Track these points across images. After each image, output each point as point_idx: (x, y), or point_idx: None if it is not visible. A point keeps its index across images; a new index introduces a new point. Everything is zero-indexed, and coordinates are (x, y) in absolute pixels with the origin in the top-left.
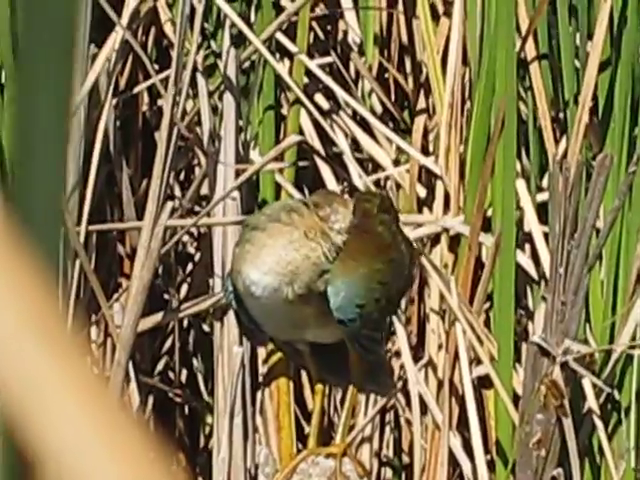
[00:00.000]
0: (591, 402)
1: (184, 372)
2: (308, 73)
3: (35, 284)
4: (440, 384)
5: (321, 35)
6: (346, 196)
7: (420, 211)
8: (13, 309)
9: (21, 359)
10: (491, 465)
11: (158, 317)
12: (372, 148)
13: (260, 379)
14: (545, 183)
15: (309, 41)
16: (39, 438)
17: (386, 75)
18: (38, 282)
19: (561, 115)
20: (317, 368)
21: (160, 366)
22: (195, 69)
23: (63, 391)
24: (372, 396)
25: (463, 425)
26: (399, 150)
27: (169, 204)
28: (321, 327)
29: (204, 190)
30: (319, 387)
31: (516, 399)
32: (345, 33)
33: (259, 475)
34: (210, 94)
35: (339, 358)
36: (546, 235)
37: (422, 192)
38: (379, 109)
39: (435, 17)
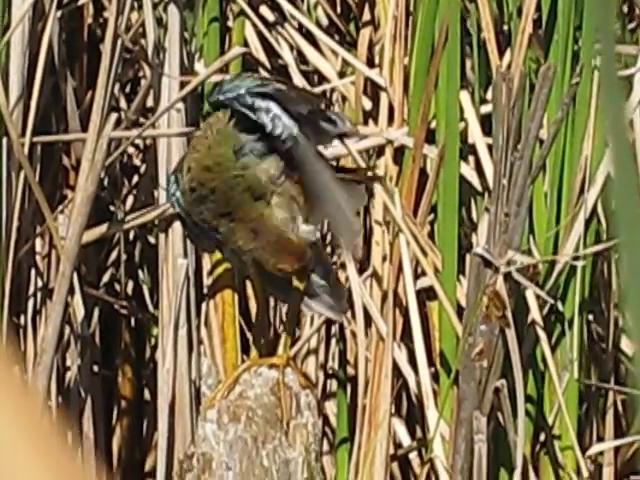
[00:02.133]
0: (534, 313)
1: (130, 284)
2: None
3: None
4: (384, 296)
5: None
6: None
7: (365, 123)
8: None
9: None
10: (435, 376)
11: (103, 229)
12: (317, 60)
13: (205, 291)
14: (489, 95)
15: None
16: None
17: None
18: None
19: (505, 27)
20: (260, 279)
21: (105, 278)
22: None
23: None
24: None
25: (407, 337)
26: (344, 62)
27: (114, 116)
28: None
29: (149, 102)
30: (262, 297)
31: (460, 311)
32: None
33: (202, 386)
34: (155, 5)
35: (283, 279)
36: (490, 147)
37: (367, 104)
38: (325, 21)
39: None
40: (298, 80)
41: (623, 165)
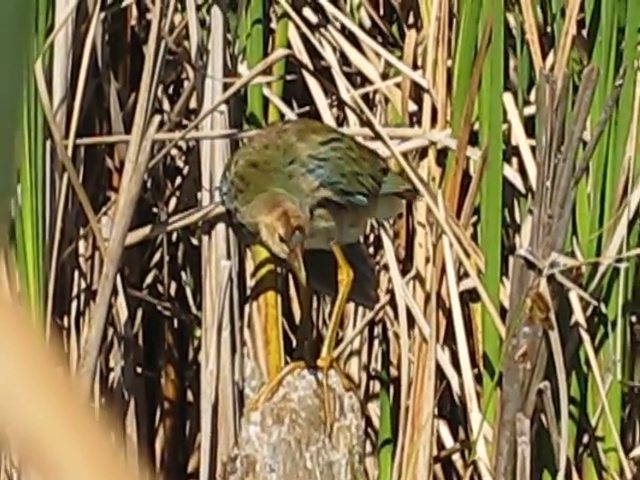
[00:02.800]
0: (578, 315)
1: (173, 285)
2: None
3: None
4: (427, 297)
5: None
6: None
7: (409, 125)
8: None
9: None
10: (478, 378)
11: (146, 230)
12: (360, 62)
13: (248, 292)
14: (532, 97)
15: None
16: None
17: None
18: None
19: (548, 29)
20: (306, 277)
21: (149, 279)
22: None
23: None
24: (360, 310)
25: (450, 338)
26: (387, 64)
27: (157, 118)
28: (313, 235)
29: (192, 104)
30: (307, 300)
31: (503, 312)
32: None
33: (246, 388)
34: (198, 7)
35: (328, 270)
36: (533, 148)
37: (410, 106)
38: (367, 23)
39: None
40: (341, 82)
41: None
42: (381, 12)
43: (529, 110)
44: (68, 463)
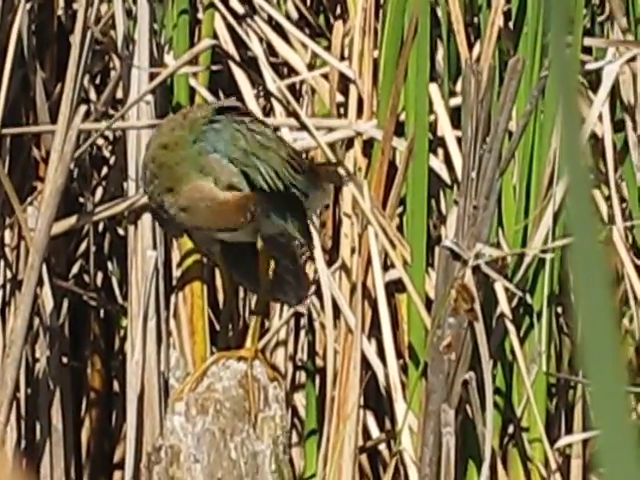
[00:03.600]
0: (503, 306)
1: (99, 275)
2: None
3: None
4: (353, 288)
5: None
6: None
7: (335, 116)
8: None
9: None
10: (403, 369)
11: (72, 220)
12: (287, 53)
13: (174, 283)
14: (459, 87)
15: None
16: None
17: None
18: None
19: (475, 19)
20: (227, 269)
21: (75, 269)
22: None
23: None
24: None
25: (376, 329)
26: (314, 55)
27: (83, 108)
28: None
29: (118, 94)
30: (231, 290)
31: (429, 303)
32: None
33: (170, 378)
34: None
35: (249, 263)
36: (459, 139)
37: (336, 96)
38: (294, 14)
39: None
40: (267, 73)
41: (577, 175)
42: (308, 3)
43: (455, 101)
44: None
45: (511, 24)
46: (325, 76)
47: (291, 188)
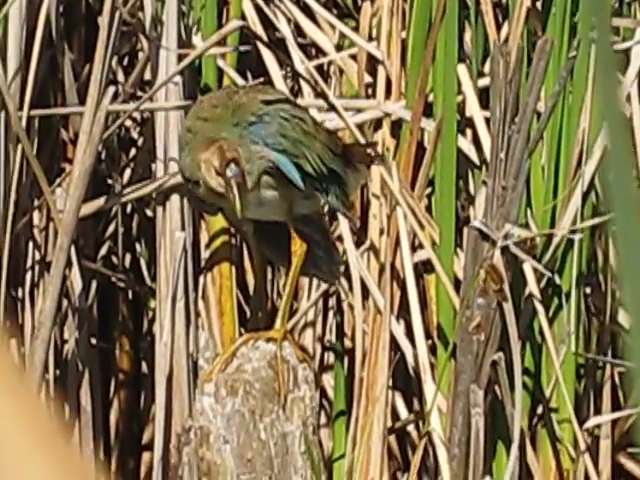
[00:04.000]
0: (532, 287)
1: (127, 257)
2: None
3: None
4: (382, 269)
5: None
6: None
7: (364, 97)
8: None
9: None
10: (432, 349)
11: (101, 202)
12: (315, 33)
13: (202, 264)
14: (487, 68)
15: None
16: None
17: None
18: None
19: (503, 0)
20: (259, 248)
21: (103, 251)
22: None
23: None
24: (315, 281)
25: (405, 310)
26: (342, 36)
27: (111, 89)
28: (262, 203)
29: (146, 75)
30: (261, 271)
31: (457, 284)
32: None
33: (199, 359)
34: None
35: (282, 241)
36: (487, 120)
37: (365, 77)
38: None
39: None
40: (295, 54)
41: (618, 141)
42: None
43: (483, 81)
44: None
45: (539, 4)
46: (353, 57)
47: (332, 170)
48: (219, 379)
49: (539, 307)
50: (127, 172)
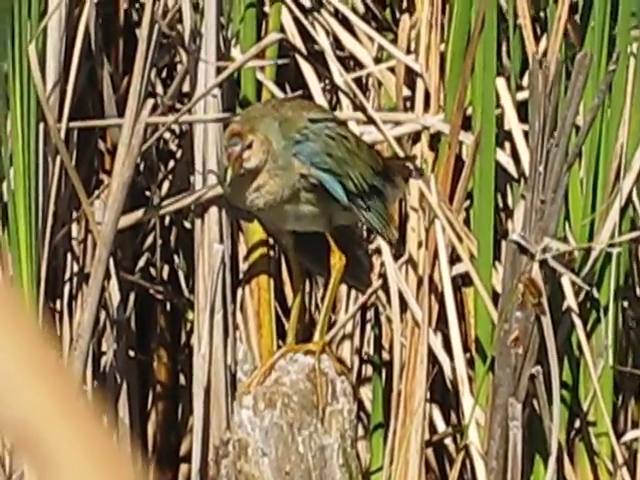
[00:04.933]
0: (570, 300)
1: (165, 269)
2: None
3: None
4: (420, 282)
5: None
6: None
7: (402, 109)
8: None
9: None
10: (470, 362)
11: (139, 214)
12: (353, 46)
13: (241, 276)
14: (525, 81)
15: None
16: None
17: None
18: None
19: (541, 13)
20: (298, 260)
21: (141, 263)
22: None
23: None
24: (352, 293)
25: (443, 323)
26: (380, 48)
27: (150, 101)
28: (301, 217)
29: (185, 87)
30: (299, 283)
31: (495, 297)
32: None
33: (238, 372)
34: None
35: (321, 251)
36: (526, 133)
37: (403, 90)
38: (361, 7)
39: None
40: (334, 66)
41: None
42: None
43: (522, 95)
44: (61, 450)
45: (577, 17)
46: (392, 69)
47: (373, 186)
48: (257, 392)
49: (577, 321)
50: (165, 184)
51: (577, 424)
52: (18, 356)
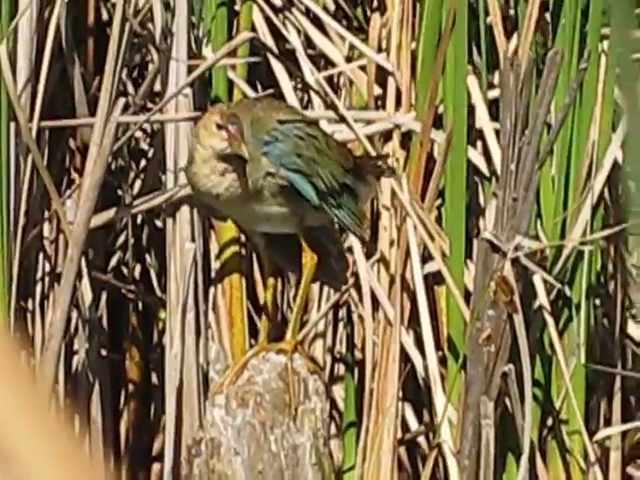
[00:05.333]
0: (542, 298)
1: (137, 268)
2: None
3: None
4: (392, 280)
5: None
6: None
7: (374, 108)
8: None
9: None
10: (442, 361)
11: (111, 213)
12: (325, 45)
13: (213, 275)
14: (495, 79)
15: None
16: None
17: None
18: None
19: (512, 12)
20: (271, 260)
21: (113, 262)
22: None
23: None
24: (325, 292)
25: (415, 321)
26: (352, 47)
27: (121, 100)
28: (271, 218)
29: (156, 87)
30: (271, 282)
31: (467, 295)
32: None
33: (210, 371)
34: None
35: (293, 250)
36: (497, 132)
37: (374, 89)
38: (332, 6)
39: None
40: (306, 65)
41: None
42: None
43: (493, 93)
44: (28, 456)
45: (548, 15)
46: (363, 68)
47: (344, 184)
48: (230, 391)
49: (549, 319)
50: (137, 183)
51: (549, 422)
52: None
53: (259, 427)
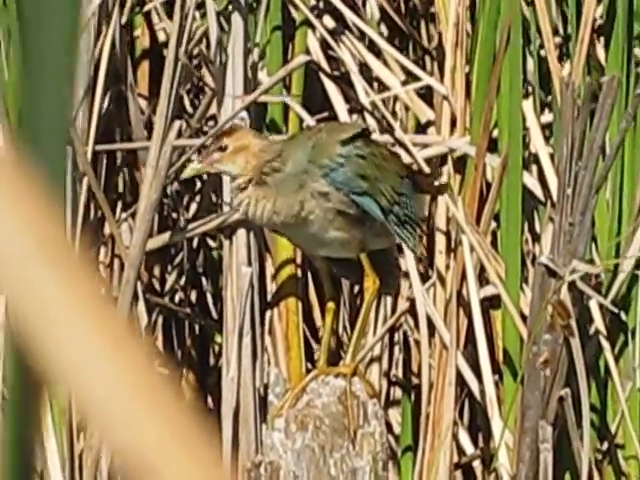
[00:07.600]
0: (598, 322)
1: (193, 291)
2: None
3: (41, 207)
4: (447, 304)
5: None
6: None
7: (428, 132)
8: (21, 232)
9: (30, 281)
10: (499, 385)
11: (166, 236)
12: (380, 69)
13: (269, 299)
14: (549, 102)
15: None
16: (48, 357)
17: None
18: (44, 205)
19: (561, 31)
20: (331, 285)
21: (169, 285)
22: None
23: (71, 311)
24: (381, 315)
25: (471, 345)
26: (406, 71)
27: (177, 123)
28: (329, 243)
29: (212, 110)
30: (330, 306)
31: (523, 319)
32: None
33: (269, 394)
34: (218, 14)
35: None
36: (552, 156)
37: (429, 113)
38: (386, 30)
39: None
40: (361, 88)
41: None
42: (399, 19)
43: (547, 117)
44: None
45: (603, 41)
46: (418, 92)
47: (402, 194)
48: (289, 414)
49: (605, 343)
50: (193, 206)
51: (605, 446)
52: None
53: (318, 451)
